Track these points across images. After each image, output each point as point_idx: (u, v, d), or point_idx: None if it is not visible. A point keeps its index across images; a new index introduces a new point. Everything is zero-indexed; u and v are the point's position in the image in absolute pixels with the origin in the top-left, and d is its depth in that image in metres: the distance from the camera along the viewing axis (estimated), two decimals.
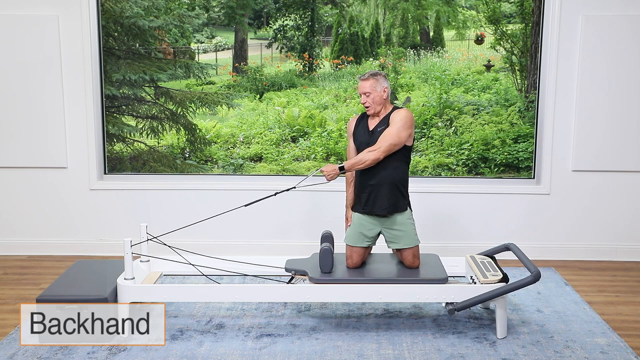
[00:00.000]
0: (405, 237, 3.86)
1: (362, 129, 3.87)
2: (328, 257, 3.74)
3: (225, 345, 3.56)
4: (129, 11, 5.03)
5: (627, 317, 4.00)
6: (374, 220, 3.88)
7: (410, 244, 3.86)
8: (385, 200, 3.81)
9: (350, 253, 3.89)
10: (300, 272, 3.81)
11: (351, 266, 3.87)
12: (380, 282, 3.70)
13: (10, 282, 4.59)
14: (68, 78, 4.97)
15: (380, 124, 3.81)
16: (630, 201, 5.02)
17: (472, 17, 5.19)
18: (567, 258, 5.06)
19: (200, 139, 5.25)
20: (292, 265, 3.87)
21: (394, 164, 3.80)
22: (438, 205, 5.08)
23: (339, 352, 3.49)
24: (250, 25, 5.27)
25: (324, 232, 4.02)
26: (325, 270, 3.76)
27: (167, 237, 3.93)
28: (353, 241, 3.88)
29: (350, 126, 3.95)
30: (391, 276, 3.76)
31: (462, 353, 3.48)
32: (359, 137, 3.87)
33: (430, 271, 3.82)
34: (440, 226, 5.09)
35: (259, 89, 5.27)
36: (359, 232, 3.88)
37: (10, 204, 5.14)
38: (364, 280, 3.73)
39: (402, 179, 3.86)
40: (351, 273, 3.81)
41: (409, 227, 3.87)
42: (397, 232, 3.86)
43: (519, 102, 5.12)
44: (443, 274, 3.77)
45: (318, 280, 3.70)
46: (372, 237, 3.90)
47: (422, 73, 5.25)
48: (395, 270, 3.85)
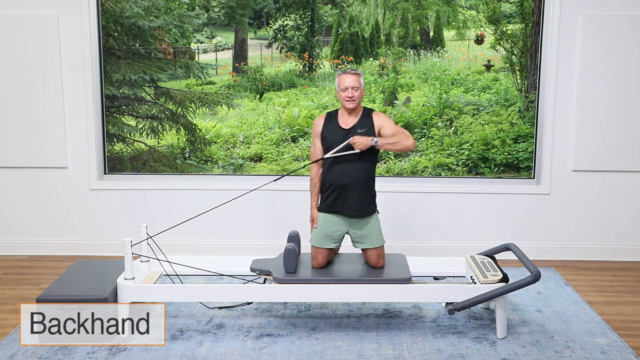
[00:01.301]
0: (371, 237, 3.87)
1: (333, 129, 3.84)
2: (292, 257, 3.75)
3: (225, 345, 3.56)
4: (129, 11, 5.03)
5: (627, 317, 4.00)
6: (341, 221, 3.87)
7: (375, 244, 3.86)
8: (355, 202, 3.81)
9: (315, 254, 3.88)
10: (264, 272, 3.82)
11: (316, 267, 3.87)
12: (343, 282, 3.71)
13: (10, 282, 4.59)
14: (68, 78, 4.97)
15: (359, 125, 3.79)
16: (630, 201, 5.02)
17: (472, 17, 5.19)
18: (567, 258, 5.06)
19: (200, 139, 5.25)
20: (257, 265, 3.88)
21: (365, 165, 3.81)
22: (438, 205, 5.08)
23: (339, 352, 3.49)
24: (250, 25, 5.27)
25: (291, 232, 4.03)
26: (289, 271, 3.76)
27: (167, 237, 3.93)
28: (318, 242, 3.87)
29: (318, 126, 3.90)
30: (354, 276, 3.77)
31: (462, 353, 3.48)
32: (330, 136, 3.82)
33: (394, 271, 3.82)
34: (440, 226, 5.09)
35: (259, 89, 5.27)
36: (324, 233, 3.87)
37: (10, 204, 5.14)
38: (327, 280, 3.73)
39: (372, 180, 3.88)
40: (315, 273, 3.81)
41: (375, 228, 3.89)
42: (364, 232, 3.87)
43: (519, 102, 5.12)
44: (407, 273, 3.77)
45: (282, 280, 3.71)
46: (338, 238, 3.90)
47: (422, 73, 5.25)
48: (359, 270, 3.85)
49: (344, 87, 3.78)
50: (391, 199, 5.07)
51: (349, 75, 3.78)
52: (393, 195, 5.06)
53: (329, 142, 3.83)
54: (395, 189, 5.06)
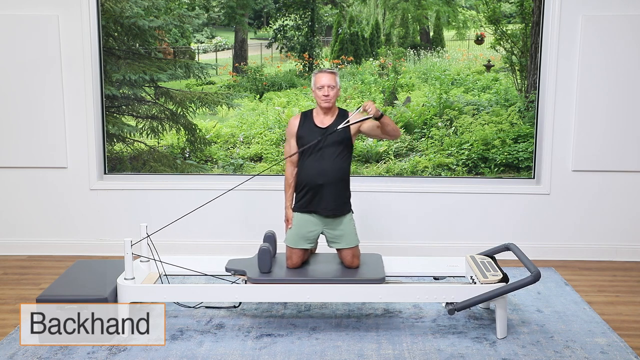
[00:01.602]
0: (345, 237, 3.87)
1: (308, 128, 3.84)
2: (266, 257, 3.75)
3: (225, 345, 3.56)
4: (129, 11, 5.03)
5: (627, 317, 4.00)
6: (316, 221, 3.87)
7: (350, 243, 3.87)
8: (331, 201, 3.81)
9: (289, 254, 3.88)
10: (239, 271, 3.83)
11: (291, 267, 3.88)
12: (316, 282, 3.72)
13: (10, 282, 4.59)
14: (68, 78, 4.97)
15: (335, 124, 3.79)
16: (630, 201, 5.02)
17: (472, 17, 5.19)
18: (567, 258, 5.06)
19: (200, 139, 5.25)
20: (232, 265, 3.89)
21: (341, 164, 3.82)
22: (438, 205, 5.08)
23: (339, 352, 3.49)
24: (250, 25, 5.27)
25: (267, 232, 4.03)
26: (263, 270, 3.77)
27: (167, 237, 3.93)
28: (293, 243, 3.87)
29: (293, 126, 3.89)
30: (328, 276, 3.77)
31: (462, 353, 3.48)
32: (306, 136, 3.82)
33: (368, 271, 3.82)
34: (440, 226, 5.09)
35: (259, 89, 5.27)
36: (299, 233, 3.87)
37: (10, 204, 5.14)
38: (300, 280, 3.74)
39: (347, 179, 3.88)
40: (289, 273, 3.82)
41: (349, 227, 3.89)
42: (338, 232, 3.87)
43: (519, 102, 5.12)
44: (381, 274, 3.77)
45: (256, 280, 3.72)
46: (313, 238, 3.90)
47: (422, 73, 5.25)
48: (333, 270, 3.85)
49: (320, 86, 3.79)
50: (391, 199, 5.07)
51: (325, 74, 3.79)
52: (393, 195, 5.07)
53: (305, 141, 3.82)
54: (395, 189, 5.07)
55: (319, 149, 3.79)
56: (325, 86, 3.77)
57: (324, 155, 3.78)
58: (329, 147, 3.79)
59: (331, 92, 3.78)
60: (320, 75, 3.80)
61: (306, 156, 3.82)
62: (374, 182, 5.13)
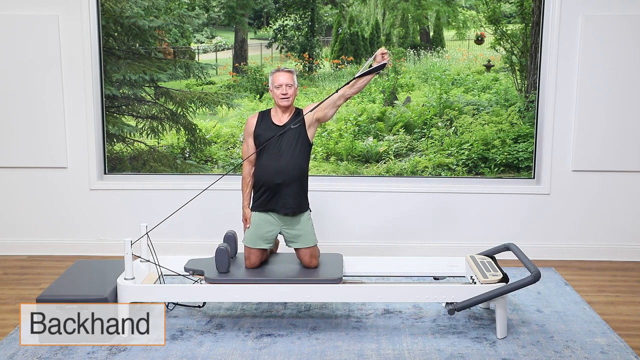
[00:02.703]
0: (303, 237, 3.87)
1: (266, 127, 3.84)
2: (224, 257, 3.75)
3: (225, 345, 3.56)
4: (129, 11, 5.03)
5: (627, 317, 4.00)
6: (275, 220, 3.87)
7: (308, 243, 3.87)
8: (290, 200, 3.81)
9: (248, 254, 3.88)
10: (197, 271, 3.83)
11: (249, 267, 3.87)
12: (273, 282, 3.72)
13: (10, 282, 4.59)
14: (68, 78, 4.97)
15: (292, 121, 3.80)
16: (630, 201, 5.02)
17: (472, 17, 5.19)
18: (567, 258, 5.06)
19: (200, 139, 5.25)
20: (191, 265, 3.89)
21: (300, 161, 3.82)
22: (438, 205, 5.08)
23: (339, 352, 3.49)
24: (250, 25, 5.27)
25: (227, 232, 4.03)
26: (221, 270, 3.77)
27: (167, 236, 3.93)
28: (251, 243, 3.87)
29: (251, 125, 3.89)
30: (285, 276, 3.78)
31: (462, 353, 3.48)
32: (263, 134, 3.81)
33: (326, 271, 3.83)
34: (440, 226, 5.09)
35: (259, 89, 5.27)
36: (257, 233, 3.87)
37: (10, 204, 5.14)
38: (257, 280, 3.74)
39: (305, 177, 3.88)
40: (248, 273, 3.82)
41: (308, 227, 3.89)
42: (296, 232, 3.87)
43: (519, 102, 5.12)
44: (338, 274, 3.77)
45: (213, 280, 3.72)
46: (271, 238, 3.90)
47: (422, 73, 5.25)
48: (291, 270, 3.86)
49: (277, 85, 3.80)
50: (391, 199, 5.07)
51: (282, 73, 3.81)
52: (393, 195, 5.07)
53: (262, 140, 3.82)
54: (395, 189, 5.06)
55: (276, 147, 3.79)
56: (283, 84, 3.78)
57: (282, 154, 3.78)
58: (287, 145, 3.79)
59: (289, 91, 3.79)
60: (277, 75, 3.82)
61: (263, 155, 3.82)
62: (374, 182, 5.13)
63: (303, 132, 3.82)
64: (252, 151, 3.87)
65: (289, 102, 3.81)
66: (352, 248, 4.93)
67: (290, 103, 3.83)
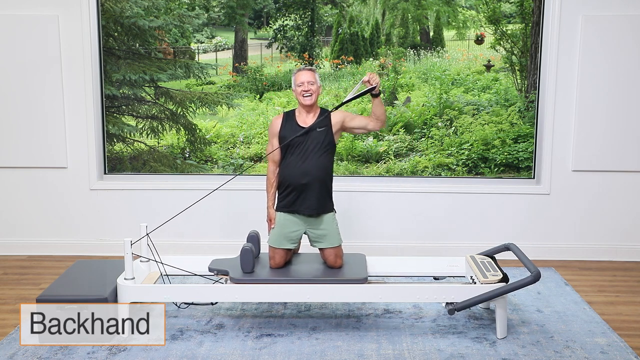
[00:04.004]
0: (328, 237, 3.87)
1: (291, 128, 3.83)
2: (248, 257, 3.75)
3: (225, 345, 3.56)
4: (129, 11, 5.03)
5: (627, 317, 4.00)
6: (299, 221, 3.87)
7: (333, 243, 3.87)
8: (314, 200, 3.81)
9: (272, 254, 3.88)
10: (222, 271, 3.83)
11: (274, 267, 3.87)
12: (299, 282, 3.71)
13: (10, 282, 4.59)
14: (68, 78, 4.97)
15: (318, 123, 3.79)
16: (630, 201, 5.02)
17: (472, 17, 5.19)
18: (567, 258, 5.06)
19: (200, 139, 5.25)
20: (215, 265, 3.89)
21: (325, 163, 3.83)
22: (438, 205, 5.08)
23: (339, 352, 3.49)
24: (250, 25, 5.27)
25: (250, 232, 4.03)
26: (246, 270, 3.77)
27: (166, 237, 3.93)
28: (276, 243, 3.87)
29: (275, 126, 3.88)
30: (311, 276, 3.77)
31: (462, 353, 3.48)
32: (288, 136, 3.81)
33: (351, 271, 3.82)
34: (441, 226, 5.09)
35: (259, 89, 5.27)
36: (282, 233, 3.87)
37: (10, 204, 5.14)
38: (283, 280, 3.73)
39: (330, 178, 3.88)
40: (272, 273, 3.81)
41: (332, 227, 3.89)
42: (321, 231, 3.87)
43: (519, 102, 5.12)
44: (363, 274, 3.77)
45: (238, 280, 3.72)
46: (296, 238, 3.90)
47: (422, 73, 5.25)
48: (315, 270, 3.85)
49: (299, 83, 3.80)
50: (391, 199, 5.07)
51: (304, 72, 3.83)
52: (393, 195, 5.07)
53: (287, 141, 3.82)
54: (395, 189, 5.06)
55: (302, 148, 3.79)
56: (305, 82, 3.78)
57: (307, 155, 3.78)
58: (312, 147, 3.79)
59: (312, 87, 3.79)
60: (299, 74, 3.83)
61: (289, 155, 3.82)
62: (374, 182, 5.13)
63: (329, 134, 3.82)
64: (276, 152, 3.87)
65: (311, 100, 3.80)
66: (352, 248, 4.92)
67: (314, 101, 3.82)
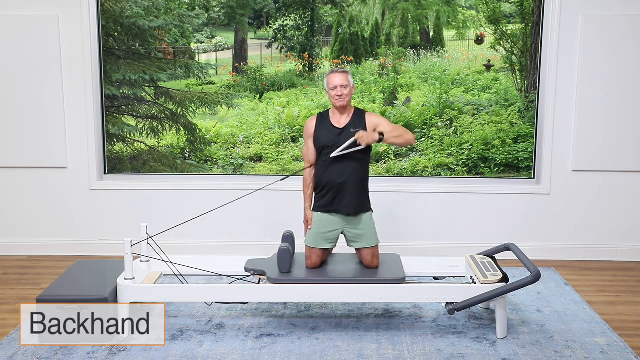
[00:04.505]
0: (366, 237, 3.87)
1: (326, 130, 3.85)
2: (286, 257, 3.75)
3: (225, 345, 3.56)
4: (129, 11, 5.03)
5: (627, 317, 4.00)
6: (337, 220, 3.87)
7: (370, 243, 3.87)
8: (351, 200, 3.82)
9: (309, 254, 3.89)
10: (259, 272, 3.82)
11: (310, 267, 3.88)
12: (337, 282, 3.71)
13: (10, 282, 4.59)
14: (68, 78, 4.97)
15: (352, 125, 3.80)
16: (630, 201, 5.02)
17: (472, 17, 5.19)
18: (567, 258, 5.06)
19: (200, 139, 5.25)
20: (252, 265, 3.89)
21: (361, 162, 3.83)
22: (438, 205, 5.08)
23: (339, 352, 3.49)
24: (250, 25, 5.27)
25: (285, 232, 4.03)
26: (283, 270, 3.77)
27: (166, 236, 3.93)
28: (313, 243, 3.87)
29: (310, 127, 3.90)
30: (349, 276, 3.77)
31: (462, 353, 3.48)
32: (323, 137, 3.83)
33: (389, 271, 3.82)
34: (440, 226, 5.09)
35: (259, 89, 5.27)
36: (319, 233, 3.87)
37: (10, 204, 5.14)
38: (321, 280, 3.73)
39: (367, 178, 3.89)
40: (309, 273, 3.81)
41: (370, 227, 3.89)
42: (359, 231, 3.87)
43: (519, 102, 5.12)
44: (401, 273, 3.77)
45: (276, 280, 3.71)
46: (333, 238, 3.90)
47: (422, 73, 5.25)
48: (353, 270, 3.85)
49: (332, 86, 3.80)
50: (391, 199, 5.07)
51: (337, 74, 3.80)
52: (393, 195, 5.06)
53: (322, 142, 3.83)
54: (395, 189, 5.06)
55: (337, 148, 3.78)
56: (338, 86, 3.78)
57: (344, 155, 3.78)
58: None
59: (344, 91, 3.79)
60: (332, 76, 3.81)
61: (325, 156, 3.82)
62: (374, 182, 5.08)
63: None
64: (311, 153, 3.90)
65: (345, 102, 3.81)
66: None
67: (347, 103, 3.83)
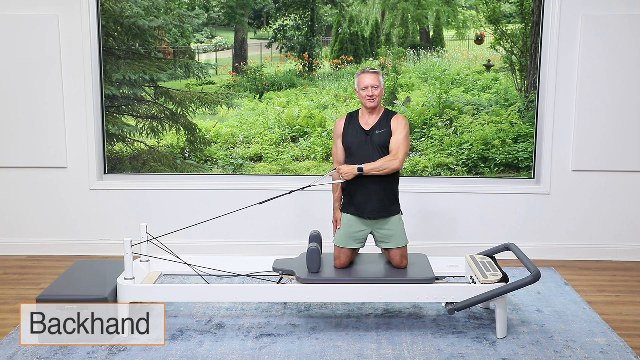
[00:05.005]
0: (395, 237, 3.87)
1: (354, 130, 3.85)
2: (315, 257, 3.75)
3: (225, 345, 3.56)
4: (129, 11, 5.03)
5: (627, 317, 4.00)
6: (365, 221, 3.87)
7: (399, 244, 3.87)
8: (378, 203, 3.82)
9: (338, 254, 3.89)
10: (288, 272, 3.82)
11: (339, 267, 3.88)
12: (368, 282, 3.71)
13: (10, 282, 4.59)
14: (68, 78, 4.97)
15: (378, 126, 3.81)
16: (630, 201, 5.02)
17: (472, 17, 5.19)
18: (567, 258, 5.06)
19: (200, 139, 5.25)
20: (280, 265, 3.88)
21: None
22: (438, 205, 5.08)
23: (339, 352, 3.49)
24: (250, 25, 5.27)
25: (312, 232, 4.03)
26: (312, 270, 3.77)
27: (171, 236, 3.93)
28: (342, 243, 3.88)
29: (339, 127, 3.91)
30: (379, 276, 3.77)
31: (462, 353, 3.48)
32: (351, 137, 3.84)
33: (418, 271, 3.82)
34: (441, 226, 5.09)
35: (259, 89, 5.27)
36: (348, 233, 3.88)
37: (10, 204, 5.14)
38: (351, 280, 3.73)
39: (395, 181, 3.88)
40: (339, 273, 3.81)
41: (399, 228, 3.89)
42: (387, 232, 3.87)
43: (519, 102, 5.12)
44: (430, 274, 3.77)
45: (305, 280, 3.71)
46: (362, 238, 3.90)
47: (422, 73, 5.25)
48: (383, 271, 3.86)
49: (364, 87, 3.79)
50: None
51: (368, 75, 3.79)
52: None
53: (350, 143, 3.84)
54: None
55: (365, 150, 3.79)
56: (369, 87, 3.77)
57: (371, 157, 3.78)
58: (375, 149, 3.80)
59: (375, 92, 3.78)
60: (363, 76, 3.80)
61: (353, 158, 3.83)
62: None
63: (390, 136, 3.81)
64: (340, 153, 3.91)
65: (375, 103, 3.81)
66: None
67: (377, 104, 3.83)
